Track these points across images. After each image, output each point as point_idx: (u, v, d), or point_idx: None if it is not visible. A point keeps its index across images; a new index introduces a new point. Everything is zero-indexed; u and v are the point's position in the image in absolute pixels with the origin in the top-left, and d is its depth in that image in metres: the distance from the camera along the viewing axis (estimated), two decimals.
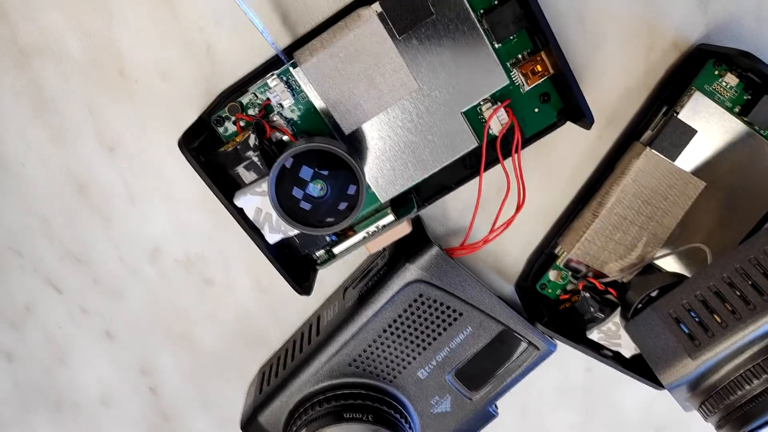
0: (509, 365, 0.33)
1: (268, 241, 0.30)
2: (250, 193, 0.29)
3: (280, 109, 0.30)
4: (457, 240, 0.34)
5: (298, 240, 0.31)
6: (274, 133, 0.30)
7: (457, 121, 0.30)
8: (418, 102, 0.29)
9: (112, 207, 0.34)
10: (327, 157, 0.28)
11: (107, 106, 0.32)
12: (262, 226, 0.30)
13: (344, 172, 0.28)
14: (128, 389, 0.38)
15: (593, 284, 0.33)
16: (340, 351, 0.32)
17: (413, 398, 0.33)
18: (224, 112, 0.30)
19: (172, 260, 0.35)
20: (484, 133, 0.30)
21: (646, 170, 0.32)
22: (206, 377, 0.38)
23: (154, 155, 0.32)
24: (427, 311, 0.32)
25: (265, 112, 0.30)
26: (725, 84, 0.31)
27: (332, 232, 0.28)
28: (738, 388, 0.28)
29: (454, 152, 0.30)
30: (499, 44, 0.29)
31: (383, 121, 0.29)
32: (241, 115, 0.29)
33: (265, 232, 0.30)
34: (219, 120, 0.30)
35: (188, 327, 0.36)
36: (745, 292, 0.28)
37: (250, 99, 0.30)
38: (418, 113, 0.29)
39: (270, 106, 0.30)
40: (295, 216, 0.28)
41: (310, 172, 0.28)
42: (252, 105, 0.30)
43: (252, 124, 0.29)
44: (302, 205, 0.28)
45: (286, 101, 0.29)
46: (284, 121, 0.30)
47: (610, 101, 0.32)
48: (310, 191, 0.28)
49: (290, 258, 0.32)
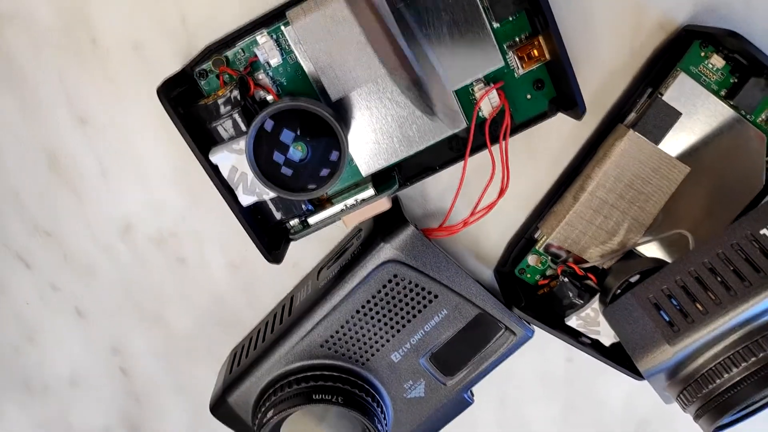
0: (485, 350, 0.32)
1: (241, 203, 0.29)
2: (227, 149, 0.28)
3: (267, 68, 0.29)
4: (436, 222, 0.33)
5: (273, 206, 0.30)
6: (258, 91, 0.29)
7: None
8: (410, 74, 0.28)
9: (83, 181, 0.33)
10: (310, 120, 0.27)
11: (79, 77, 0.31)
12: (236, 186, 0.29)
13: (327, 138, 0.27)
14: (99, 370, 0.37)
15: (572, 269, 0.32)
16: (312, 332, 0.31)
17: (386, 382, 0.32)
18: (208, 65, 0.29)
19: (144, 237, 0.34)
20: (474, 114, 0.30)
21: (629, 153, 0.31)
22: (179, 358, 0.37)
23: (128, 128, 0.32)
24: (401, 292, 0.31)
25: (251, 69, 0.29)
26: (711, 66, 0.30)
27: (310, 197, 0.28)
28: (716, 377, 0.28)
29: (442, 131, 0.30)
30: (498, 24, 0.29)
31: (372, 91, 0.29)
32: (225, 68, 0.29)
33: (239, 192, 0.29)
34: (202, 73, 0.29)
35: (161, 306, 0.36)
36: (726, 278, 0.28)
37: (236, 54, 0.29)
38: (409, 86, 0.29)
39: (257, 63, 0.29)
40: (272, 179, 0.27)
41: (291, 136, 0.27)
42: (238, 61, 0.29)
43: (236, 80, 0.29)
44: (283, 171, 0.27)
45: (273, 59, 0.29)
46: (270, 80, 0.29)
47: (595, 83, 0.32)
48: (292, 156, 0.27)
49: (263, 225, 0.31)
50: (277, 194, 0.28)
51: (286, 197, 0.27)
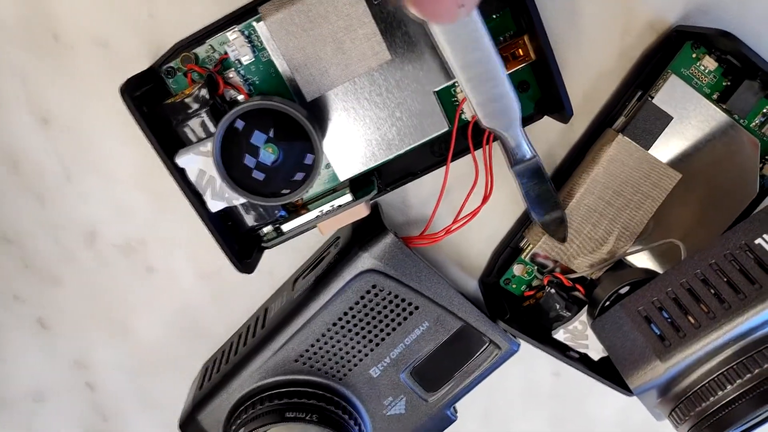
0: (469, 365, 0.31)
1: (210, 208, 0.28)
2: (194, 152, 0.26)
3: (238, 66, 0.28)
4: (417, 230, 0.32)
5: (244, 212, 0.29)
6: (228, 90, 0.28)
7: (428, 101, 0.28)
8: (389, 75, 0.27)
9: (45, 184, 0.31)
10: (283, 122, 0.25)
11: (41, 74, 0.29)
12: (204, 191, 0.27)
13: (302, 142, 0.26)
14: (63, 384, 0.35)
15: (559, 279, 0.31)
16: (285, 346, 0.29)
17: (364, 398, 0.31)
18: (176, 63, 0.27)
19: (110, 245, 0.32)
20: (456, 116, 0.28)
21: (618, 159, 0.30)
22: (147, 372, 0.35)
23: (93, 128, 0.30)
24: (380, 303, 0.29)
25: (222, 67, 0.28)
26: (703, 68, 0.29)
27: (283, 202, 0.26)
28: (710, 394, 0.26)
29: (422, 134, 0.28)
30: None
31: (349, 91, 0.27)
32: (193, 66, 0.27)
33: (207, 198, 0.27)
34: (170, 71, 0.28)
35: (128, 317, 0.34)
36: (720, 290, 0.26)
37: (207, 52, 0.28)
38: (388, 87, 0.27)
39: (228, 61, 0.28)
40: (242, 183, 0.26)
41: (263, 138, 0.25)
42: (209, 60, 0.28)
43: (204, 77, 0.27)
44: (254, 175, 0.26)
45: (245, 57, 0.27)
46: (241, 79, 0.28)
47: (583, 85, 0.31)
48: (263, 159, 0.26)
49: (234, 232, 0.29)
50: (247, 200, 0.26)
51: (257, 203, 0.26)
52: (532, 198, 0.29)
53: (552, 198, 0.29)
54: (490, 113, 0.26)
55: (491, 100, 0.26)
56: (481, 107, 0.26)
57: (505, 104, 0.26)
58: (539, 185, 0.28)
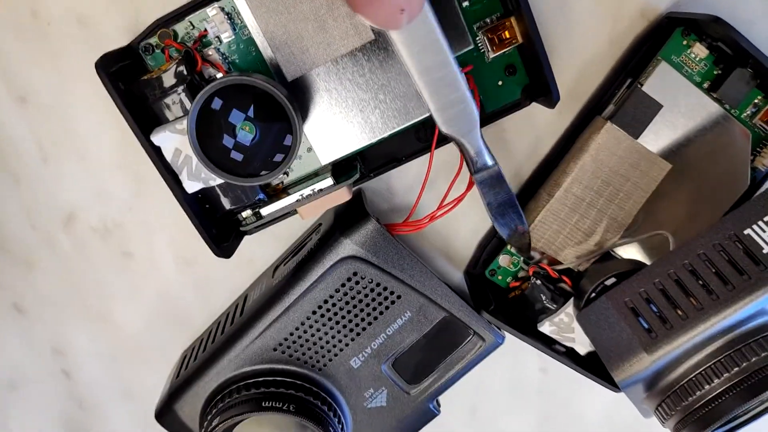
0: (452, 357, 0.30)
1: (186, 189, 0.27)
2: (170, 130, 0.26)
3: (218, 43, 0.27)
4: (402, 218, 0.31)
5: (222, 194, 0.28)
6: (207, 68, 0.27)
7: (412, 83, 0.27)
8: (372, 55, 0.27)
9: (22, 165, 0.31)
10: (263, 101, 0.25)
11: (18, 51, 0.29)
12: (180, 171, 0.26)
13: (281, 122, 0.25)
14: (39, 371, 0.35)
15: (545, 270, 0.30)
16: (264, 334, 0.29)
17: (344, 390, 0.30)
18: (155, 39, 0.27)
19: (88, 228, 0.32)
20: None
21: (607, 147, 0.29)
22: (125, 360, 0.34)
23: (71, 108, 0.30)
24: (361, 292, 0.29)
25: (201, 44, 0.27)
26: (694, 56, 0.28)
27: (259, 182, 0.25)
28: (697, 388, 0.25)
29: (406, 118, 0.28)
30: (467, 3, 0.27)
31: (331, 72, 0.27)
32: (171, 42, 0.26)
33: (183, 178, 0.27)
34: (148, 48, 0.27)
35: (106, 304, 0.33)
36: (708, 281, 0.26)
37: (186, 29, 0.27)
38: (371, 68, 0.27)
39: (207, 38, 0.27)
40: (220, 164, 0.25)
41: (241, 117, 0.25)
42: (188, 37, 0.27)
43: (181, 53, 0.26)
44: (233, 156, 0.25)
45: (224, 34, 0.27)
46: (220, 57, 0.27)
47: (572, 72, 0.30)
48: (242, 139, 0.25)
49: (211, 215, 0.29)
50: (224, 180, 0.25)
51: (234, 182, 0.25)
52: (494, 207, 0.28)
53: (514, 208, 0.28)
54: (447, 119, 0.26)
55: (448, 105, 0.25)
56: (438, 113, 0.26)
57: (463, 110, 0.26)
58: (501, 194, 0.28)
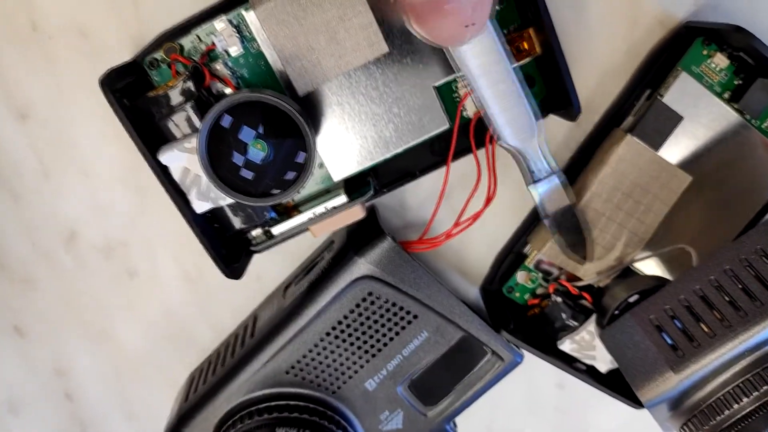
0: (470, 377, 0.29)
1: (195, 209, 0.26)
2: (178, 148, 0.25)
3: (226, 57, 0.26)
4: (416, 234, 0.30)
5: (232, 213, 0.27)
6: (215, 83, 0.26)
7: (428, 96, 0.26)
8: (386, 68, 0.26)
9: (23, 182, 0.30)
10: (274, 117, 0.24)
11: (18, 66, 0.28)
12: (188, 190, 0.26)
13: (293, 138, 0.24)
14: (41, 394, 0.34)
15: (565, 288, 0.30)
16: (276, 356, 0.28)
17: (359, 413, 0.29)
18: (160, 54, 0.26)
19: (90, 246, 0.31)
20: (457, 113, 0.27)
21: (627, 160, 0.28)
22: (129, 382, 0.33)
23: (73, 123, 0.29)
24: (377, 312, 0.28)
25: (209, 59, 0.26)
26: (714, 66, 0.28)
27: (272, 203, 0.25)
28: (725, 407, 0.25)
29: (421, 132, 0.27)
30: None
31: (344, 86, 0.26)
32: (177, 56, 0.26)
33: (192, 198, 0.26)
34: (153, 63, 0.26)
35: (109, 324, 0.32)
36: (734, 297, 0.25)
37: (192, 42, 0.26)
38: (385, 81, 0.26)
39: (215, 52, 0.26)
40: (230, 183, 0.24)
41: (252, 134, 0.24)
42: (195, 51, 0.26)
43: (189, 69, 0.26)
44: (243, 174, 0.24)
45: (233, 48, 0.26)
46: (229, 72, 0.26)
47: (590, 84, 0.29)
48: (252, 156, 0.24)
49: (221, 235, 0.28)
50: (235, 200, 0.24)
51: (246, 203, 0.24)
52: (553, 217, 0.28)
53: (574, 218, 0.28)
54: (514, 131, 0.26)
55: (514, 117, 0.25)
56: (505, 126, 0.26)
57: (527, 120, 0.26)
58: (560, 204, 0.28)
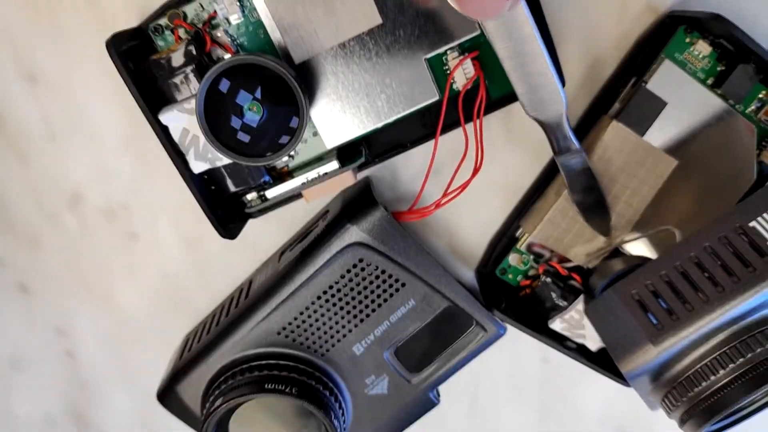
0: (454, 347, 0.30)
1: (192, 169, 0.27)
2: (178, 109, 0.26)
3: (226, 25, 0.27)
4: (407, 206, 0.31)
5: (228, 175, 0.28)
6: (215, 49, 0.27)
7: (419, 68, 0.27)
8: (380, 39, 0.27)
9: (30, 144, 0.31)
10: (270, 82, 0.25)
11: (28, 30, 0.29)
12: (187, 151, 0.27)
13: (288, 104, 0.25)
14: (43, 351, 0.35)
15: (555, 268, 0.30)
16: (268, 317, 0.29)
17: (346, 376, 0.30)
18: (164, 20, 0.27)
19: (94, 209, 0.32)
20: (447, 85, 0.28)
21: (613, 145, 0.29)
22: (128, 342, 0.34)
23: (79, 87, 0.30)
24: (367, 278, 0.29)
25: (210, 26, 0.27)
26: (697, 53, 0.28)
27: (266, 163, 0.26)
28: (703, 379, 0.26)
29: (412, 102, 0.28)
30: None
31: (339, 55, 0.27)
32: (180, 21, 0.27)
33: (190, 158, 0.27)
34: (157, 28, 0.27)
35: (110, 285, 0.33)
36: (714, 273, 0.26)
37: (195, 10, 0.27)
38: (378, 52, 0.27)
39: (216, 20, 0.27)
40: (226, 144, 0.25)
41: (248, 98, 0.25)
42: (197, 18, 0.27)
43: (191, 34, 0.27)
44: (240, 137, 0.25)
45: (233, 16, 0.27)
46: (229, 39, 0.27)
47: (578, 71, 0.30)
48: (249, 120, 0.25)
49: (217, 197, 0.29)
50: (230, 159, 0.26)
51: (240, 162, 0.26)
52: (576, 188, 0.29)
53: (596, 191, 0.29)
54: (534, 102, 0.26)
55: (535, 89, 0.26)
56: (525, 96, 0.26)
57: (550, 95, 0.26)
58: (582, 176, 0.29)
